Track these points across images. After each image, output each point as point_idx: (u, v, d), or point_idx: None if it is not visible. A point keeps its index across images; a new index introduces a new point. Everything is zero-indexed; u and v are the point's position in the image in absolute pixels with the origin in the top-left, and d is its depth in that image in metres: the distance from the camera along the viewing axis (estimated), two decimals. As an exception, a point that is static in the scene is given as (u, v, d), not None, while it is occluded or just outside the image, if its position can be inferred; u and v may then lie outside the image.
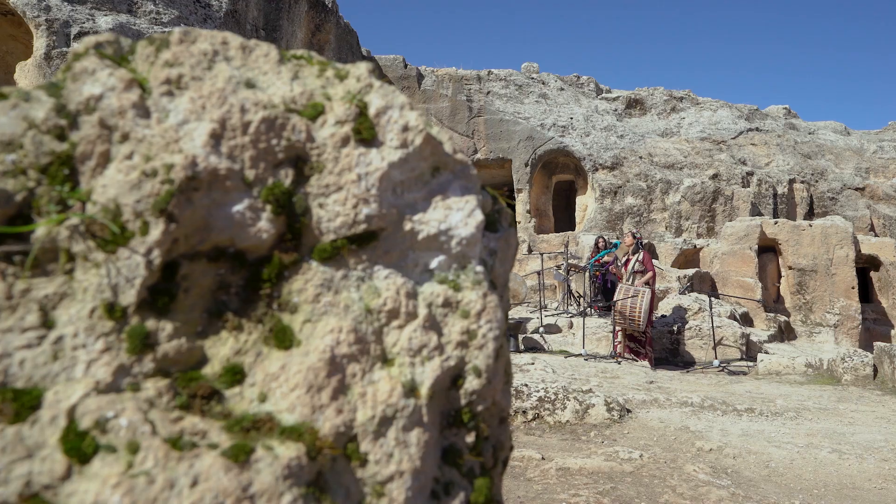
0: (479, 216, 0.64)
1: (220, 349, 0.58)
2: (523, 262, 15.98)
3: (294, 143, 0.61)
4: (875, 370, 7.39)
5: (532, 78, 18.26)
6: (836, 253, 13.41)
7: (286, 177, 0.61)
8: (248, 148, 0.60)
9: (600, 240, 11.45)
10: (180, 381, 0.58)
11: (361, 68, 0.66)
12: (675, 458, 4.08)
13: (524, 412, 5.11)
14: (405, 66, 17.72)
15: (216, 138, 0.58)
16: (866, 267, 14.68)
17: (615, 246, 10.51)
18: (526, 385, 5.27)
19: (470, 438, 0.62)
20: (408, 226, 0.64)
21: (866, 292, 14.46)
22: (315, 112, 0.62)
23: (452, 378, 0.62)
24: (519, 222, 17.56)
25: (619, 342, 8.87)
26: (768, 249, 14.11)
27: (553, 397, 5.15)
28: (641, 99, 18.49)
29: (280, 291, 0.61)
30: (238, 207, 0.59)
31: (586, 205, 17.34)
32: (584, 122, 17.49)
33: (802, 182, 17.51)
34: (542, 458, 3.99)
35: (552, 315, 10.85)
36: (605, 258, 10.60)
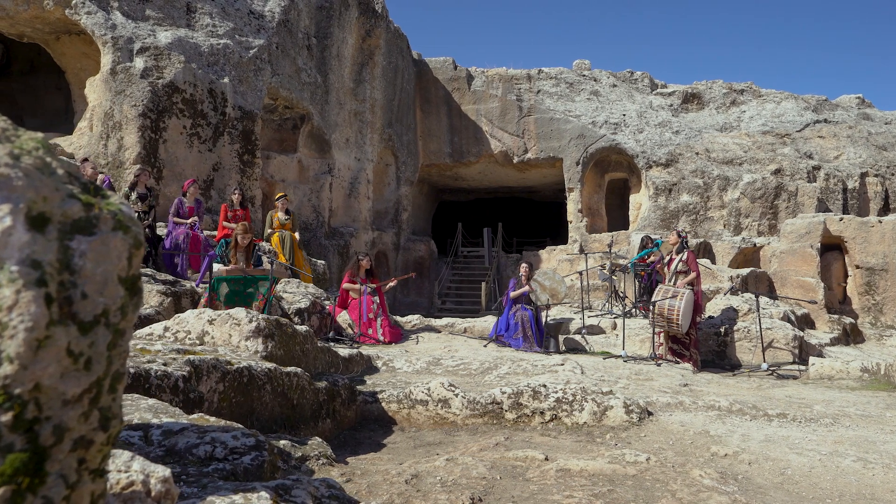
0: (6, 222, 0.73)
1: None
2: (574, 261, 15.75)
3: None
4: (937, 376, 6.91)
5: (583, 75, 17.99)
6: (910, 251, 12.56)
7: None
8: None
9: (647, 239, 11.18)
10: None
11: None
12: (684, 463, 3.98)
13: (542, 413, 5.09)
14: (455, 67, 17.83)
15: None
16: (945, 265, 13.67)
17: (657, 245, 10.24)
18: (544, 386, 5.24)
19: (6, 417, 0.71)
20: None
21: (945, 293, 13.46)
22: None
23: (-16, 365, 0.72)
24: (570, 222, 17.32)
25: (660, 344, 8.65)
26: (833, 248, 13.37)
27: (571, 398, 5.11)
28: (699, 93, 17.88)
29: None
30: None
31: (640, 203, 16.93)
32: (637, 118, 17.08)
33: (876, 175, 16.46)
34: (546, 459, 3.98)
35: (596, 316, 10.69)
36: (649, 257, 10.34)
